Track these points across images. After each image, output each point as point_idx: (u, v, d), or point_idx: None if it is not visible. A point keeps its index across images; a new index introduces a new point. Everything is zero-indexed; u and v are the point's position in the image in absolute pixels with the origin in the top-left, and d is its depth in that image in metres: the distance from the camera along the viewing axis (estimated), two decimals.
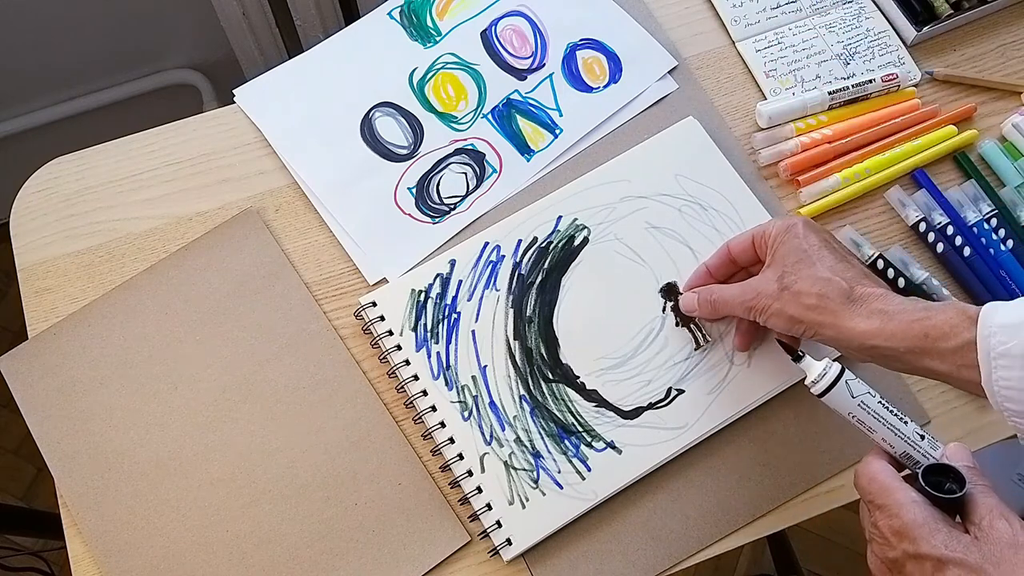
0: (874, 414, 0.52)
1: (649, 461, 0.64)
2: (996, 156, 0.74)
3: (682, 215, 0.70)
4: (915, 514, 0.47)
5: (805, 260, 0.58)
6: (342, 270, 0.71)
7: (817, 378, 0.54)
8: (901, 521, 0.47)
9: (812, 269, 0.57)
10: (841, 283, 0.56)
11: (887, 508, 0.48)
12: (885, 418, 0.52)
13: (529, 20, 0.79)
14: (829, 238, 0.60)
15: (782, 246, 0.59)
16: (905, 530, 0.47)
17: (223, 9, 1.22)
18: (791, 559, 1.27)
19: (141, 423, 0.65)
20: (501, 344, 0.67)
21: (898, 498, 0.48)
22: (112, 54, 1.29)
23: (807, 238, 0.59)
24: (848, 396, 0.53)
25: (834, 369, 0.54)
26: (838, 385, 0.53)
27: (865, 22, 0.79)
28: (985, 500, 0.47)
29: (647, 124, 0.75)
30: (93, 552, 0.62)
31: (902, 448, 0.52)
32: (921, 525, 0.46)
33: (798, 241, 0.59)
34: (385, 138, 0.74)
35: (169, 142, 0.75)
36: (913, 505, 0.47)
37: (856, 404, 0.52)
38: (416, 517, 0.63)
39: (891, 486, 0.49)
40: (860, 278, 0.57)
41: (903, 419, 0.52)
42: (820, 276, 0.57)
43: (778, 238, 0.60)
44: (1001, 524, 0.46)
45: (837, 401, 0.53)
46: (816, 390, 0.54)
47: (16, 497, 1.45)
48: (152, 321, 0.68)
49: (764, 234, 0.61)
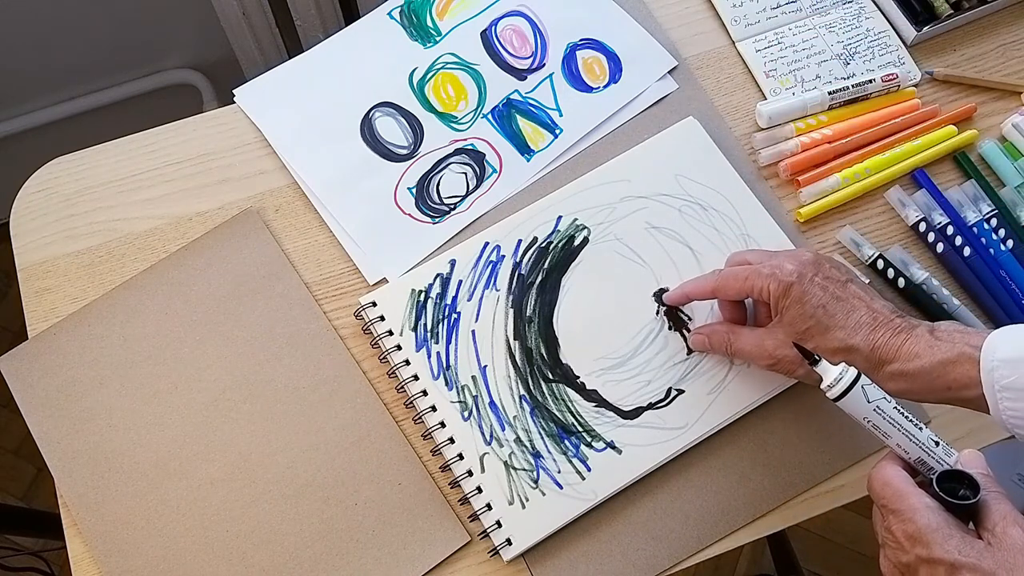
0: (890, 419, 0.52)
1: (649, 461, 0.64)
2: (996, 156, 0.74)
3: (682, 215, 0.70)
4: (929, 519, 0.47)
5: (817, 327, 0.57)
6: (342, 270, 0.71)
7: (833, 382, 0.53)
8: (915, 526, 0.47)
9: (826, 337, 0.57)
10: (862, 349, 0.56)
11: (901, 513, 0.48)
12: (900, 423, 0.51)
13: (529, 20, 0.79)
14: (827, 281, 0.58)
15: (787, 311, 0.58)
16: (919, 535, 0.47)
17: (223, 9, 1.22)
18: (791, 559, 1.27)
19: (141, 423, 0.65)
20: (501, 344, 0.67)
21: (912, 503, 0.48)
22: (112, 54, 1.29)
23: (810, 299, 0.57)
24: (864, 401, 0.52)
25: (850, 374, 0.52)
26: (854, 390, 0.52)
27: (865, 22, 0.79)
28: (999, 507, 0.48)
29: (647, 124, 0.75)
30: (93, 552, 0.62)
31: (916, 454, 0.51)
32: (935, 530, 0.47)
33: (802, 308, 0.57)
34: (385, 138, 0.74)
35: (169, 142, 0.75)
36: (927, 510, 0.48)
37: (872, 409, 0.52)
38: (416, 517, 0.63)
39: (905, 491, 0.49)
40: (873, 327, 0.56)
41: (918, 425, 0.52)
42: (839, 347, 0.56)
43: (780, 301, 0.58)
44: (1015, 531, 0.46)
45: (853, 406, 0.52)
46: (832, 394, 0.53)
47: (16, 497, 1.45)
48: (152, 321, 0.68)
49: (762, 291, 0.59)
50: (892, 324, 0.56)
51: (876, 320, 0.57)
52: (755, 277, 0.59)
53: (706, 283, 0.64)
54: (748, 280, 0.60)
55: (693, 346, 0.66)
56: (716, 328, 0.64)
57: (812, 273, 0.58)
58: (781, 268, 0.58)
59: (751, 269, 0.60)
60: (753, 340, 0.61)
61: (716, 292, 0.63)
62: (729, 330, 0.63)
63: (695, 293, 0.65)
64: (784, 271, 0.58)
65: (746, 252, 0.64)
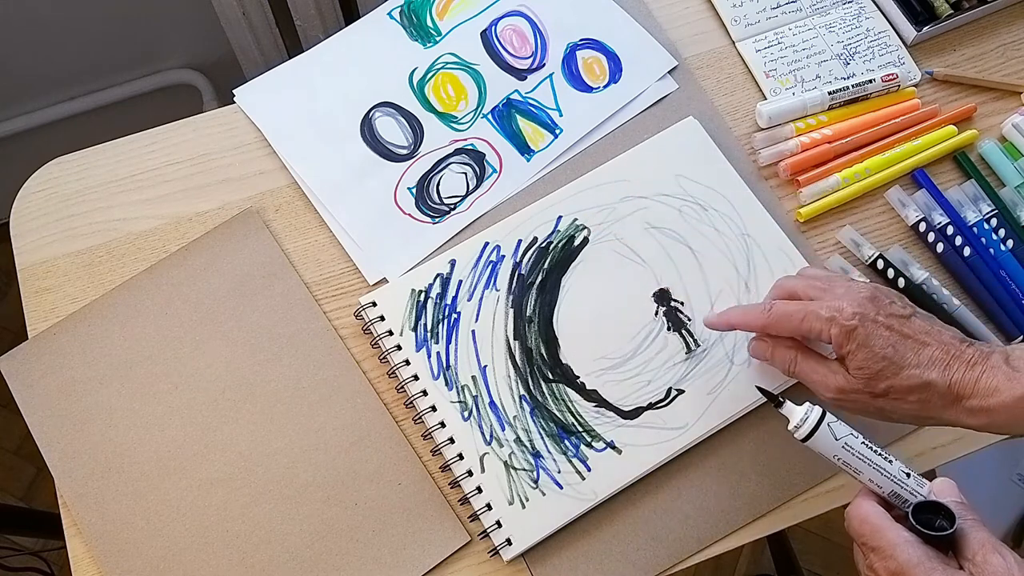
0: (859, 455, 0.52)
1: (649, 461, 0.64)
2: (996, 156, 0.74)
3: (682, 215, 0.70)
4: (909, 554, 0.47)
5: (889, 368, 0.54)
6: (342, 270, 0.71)
7: (800, 423, 0.54)
8: (896, 562, 0.47)
9: (899, 377, 0.54)
10: (938, 386, 0.54)
11: (881, 550, 0.48)
12: (870, 458, 0.52)
13: (529, 20, 0.79)
14: (891, 319, 0.56)
15: (854, 356, 0.55)
16: (901, 571, 0.47)
17: (223, 9, 1.22)
18: (791, 559, 1.27)
19: (141, 423, 0.65)
20: (501, 344, 0.67)
21: (891, 538, 0.48)
22: (112, 54, 1.29)
23: (876, 341, 0.55)
24: (831, 439, 0.53)
25: (815, 413, 0.53)
26: (820, 428, 0.53)
27: (865, 22, 0.79)
28: (977, 535, 0.48)
29: (647, 124, 0.75)
30: (93, 552, 0.62)
31: (889, 487, 0.52)
32: (916, 564, 0.47)
33: (870, 351, 0.55)
34: (385, 138, 0.74)
35: (169, 142, 0.75)
36: (907, 545, 0.48)
37: (840, 447, 0.52)
38: (416, 517, 0.63)
39: (883, 527, 0.49)
40: (946, 362, 0.54)
41: (887, 458, 0.52)
42: (915, 384, 0.54)
43: (844, 346, 0.55)
44: (995, 558, 0.46)
45: (821, 445, 0.53)
46: (799, 435, 0.54)
47: (16, 497, 1.45)
48: (152, 321, 0.68)
49: (820, 334, 0.56)
50: (965, 356, 0.54)
51: (948, 354, 0.54)
52: (813, 320, 0.56)
53: (755, 318, 0.60)
54: (805, 322, 0.57)
55: (752, 351, 0.62)
56: (784, 344, 0.60)
57: (874, 313, 0.55)
58: (841, 311, 0.55)
59: (807, 310, 0.57)
60: (821, 373, 0.57)
61: (767, 329, 0.60)
62: (799, 352, 0.59)
63: (741, 326, 0.61)
64: (844, 314, 0.55)
65: (793, 281, 0.61)
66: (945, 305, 0.68)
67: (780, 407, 0.55)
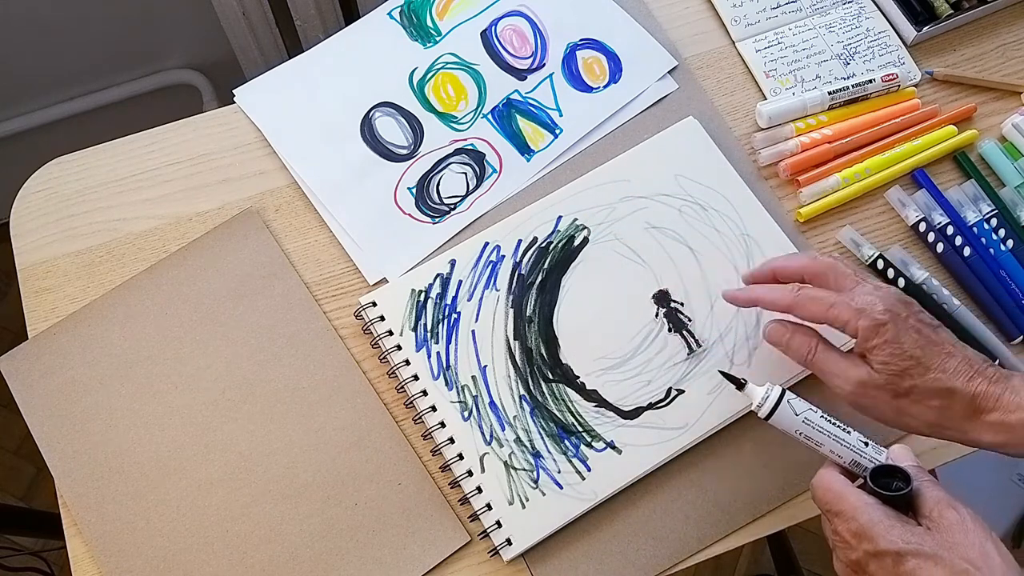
0: (818, 428, 0.55)
1: (649, 461, 0.64)
2: (996, 156, 0.74)
3: (682, 215, 0.70)
4: (870, 515, 0.49)
5: (917, 367, 0.55)
6: (342, 270, 0.71)
7: (761, 401, 0.56)
8: (858, 523, 0.50)
9: (925, 378, 0.54)
10: (962, 395, 0.54)
11: (843, 513, 0.51)
12: (829, 430, 0.55)
13: (529, 20, 0.79)
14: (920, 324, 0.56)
15: (880, 350, 0.55)
16: (863, 531, 0.49)
17: (223, 9, 1.22)
18: (791, 559, 1.27)
19: (141, 423, 0.65)
20: (501, 344, 0.67)
21: (852, 502, 0.50)
22: (112, 54, 1.29)
23: (906, 339, 0.55)
24: (792, 415, 0.55)
25: (775, 391, 0.56)
26: (781, 406, 0.55)
27: (865, 22, 0.79)
28: (932, 493, 0.50)
29: (647, 124, 0.75)
30: (93, 552, 0.62)
31: (849, 456, 0.54)
32: (876, 523, 0.49)
33: (898, 347, 0.55)
34: (385, 138, 0.74)
35: (169, 142, 0.75)
36: (867, 507, 0.50)
37: (800, 421, 0.55)
38: (416, 517, 0.63)
39: (844, 492, 0.51)
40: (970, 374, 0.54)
41: (846, 429, 0.55)
42: (939, 388, 0.54)
43: (870, 339, 0.55)
44: (949, 512, 0.49)
45: (783, 421, 0.56)
46: (762, 413, 0.56)
47: (16, 497, 1.45)
48: (152, 321, 0.68)
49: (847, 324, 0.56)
50: (987, 374, 0.55)
51: (972, 368, 0.55)
52: (842, 308, 0.56)
53: (782, 296, 0.60)
54: (833, 309, 0.56)
55: (769, 335, 0.62)
56: (804, 331, 0.60)
57: (905, 313, 0.56)
58: (873, 305, 0.55)
59: (837, 299, 0.57)
60: (842, 365, 0.57)
61: (792, 309, 0.59)
62: (818, 341, 0.59)
63: (767, 303, 0.61)
64: (876, 308, 0.55)
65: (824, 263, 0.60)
66: (945, 305, 0.68)
67: (742, 389, 0.58)
